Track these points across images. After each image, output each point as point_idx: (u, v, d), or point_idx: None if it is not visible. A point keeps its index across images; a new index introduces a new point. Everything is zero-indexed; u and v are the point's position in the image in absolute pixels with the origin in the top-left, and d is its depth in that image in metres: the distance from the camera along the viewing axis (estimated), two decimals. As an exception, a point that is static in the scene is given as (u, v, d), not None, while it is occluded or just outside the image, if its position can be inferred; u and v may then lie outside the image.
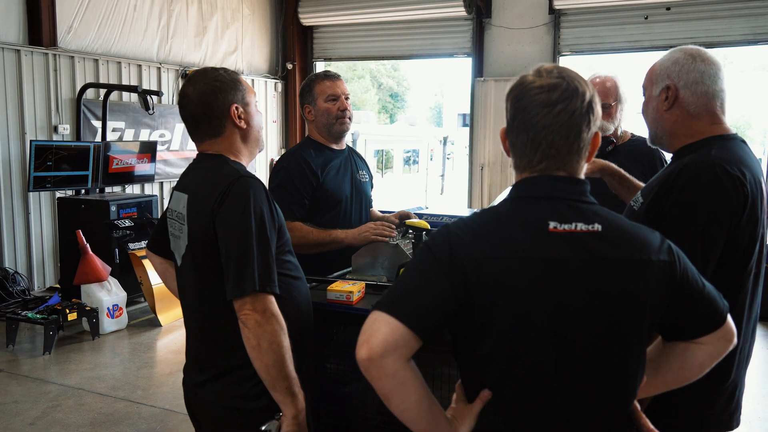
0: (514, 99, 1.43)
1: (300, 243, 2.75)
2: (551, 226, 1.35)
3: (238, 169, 1.93)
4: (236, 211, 1.81)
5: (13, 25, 6.88)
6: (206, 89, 1.96)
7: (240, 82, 2.02)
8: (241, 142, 2.03)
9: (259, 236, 1.81)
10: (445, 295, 1.33)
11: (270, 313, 1.78)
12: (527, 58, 9.09)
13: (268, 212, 1.86)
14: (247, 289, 1.76)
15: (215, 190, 1.85)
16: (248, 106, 2.03)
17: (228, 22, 9.69)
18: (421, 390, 1.34)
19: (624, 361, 1.37)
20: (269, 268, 1.82)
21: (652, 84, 1.95)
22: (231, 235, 1.81)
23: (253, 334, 1.77)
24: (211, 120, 1.98)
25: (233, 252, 1.80)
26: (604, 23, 8.83)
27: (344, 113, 2.92)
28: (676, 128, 1.92)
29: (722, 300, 1.46)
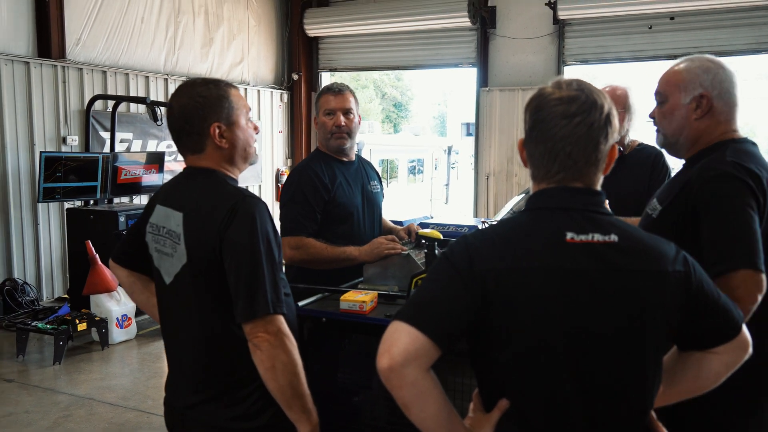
0: (534, 110, 1.45)
1: (314, 260, 2.78)
2: (568, 237, 1.37)
3: (238, 188, 1.89)
4: (245, 232, 1.78)
5: (22, 38, 6.95)
6: (188, 104, 1.89)
7: (226, 98, 1.92)
8: (224, 160, 1.94)
9: (268, 257, 1.79)
10: (465, 305, 1.35)
11: (282, 334, 1.75)
12: (532, 68, 9.13)
13: (272, 232, 1.84)
14: (260, 312, 1.73)
15: (220, 210, 1.80)
16: (234, 125, 1.92)
17: (234, 34, 9.76)
18: (440, 399, 1.35)
19: (642, 371, 1.39)
20: (278, 289, 1.79)
21: (679, 91, 1.94)
22: (240, 257, 1.77)
23: (267, 356, 1.73)
24: (191, 135, 1.91)
25: (243, 274, 1.76)
26: (609, 33, 8.87)
27: (339, 129, 2.92)
28: (702, 136, 1.94)
29: (737, 310, 1.48)
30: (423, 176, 18.00)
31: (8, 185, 6.75)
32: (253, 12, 10.13)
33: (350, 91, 2.98)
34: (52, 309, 6.37)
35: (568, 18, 8.92)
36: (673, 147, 2.03)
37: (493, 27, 9.46)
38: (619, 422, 1.39)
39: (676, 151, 2.04)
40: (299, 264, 2.84)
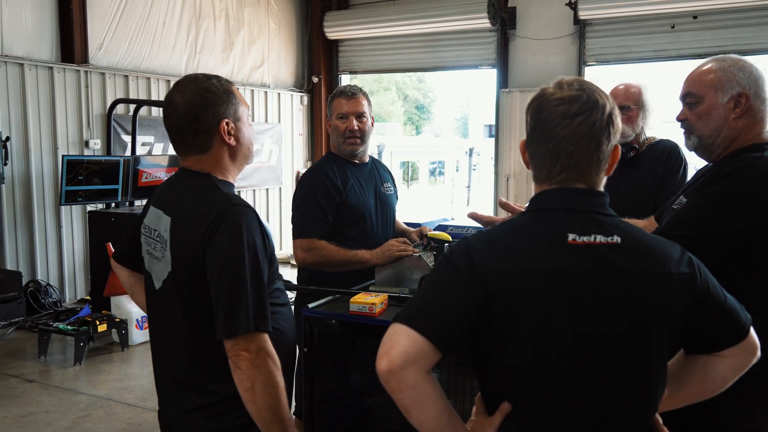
0: (535, 111, 1.44)
1: (326, 262, 2.77)
2: (570, 238, 1.35)
3: (229, 194, 1.80)
4: (229, 243, 1.69)
5: (46, 44, 7.06)
6: (195, 99, 1.79)
7: (233, 93, 1.86)
8: (229, 158, 1.87)
9: (253, 271, 1.69)
10: (465, 308, 1.33)
11: (264, 353, 1.67)
12: (552, 69, 9.06)
13: (261, 243, 1.74)
14: (240, 328, 1.64)
15: (205, 218, 1.71)
16: (240, 121, 1.87)
17: (254, 37, 9.82)
18: (440, 402, 1.34)
19: (646, 374, 1.37)
20: (263, 305, 1.70)
21: (715, 91, 1.91)
22: (223, 269, 1.68)
23: (247, 376, 1.65)
24: (197, 134, 1.81)
25: (225, 288, 1.67)
26: (630, 33, 8.77)
27: (353, 133, 2.90)
28: (739, 136, 1.92)
29: (744, 312, 1.45)
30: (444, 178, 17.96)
31: (32, 188, 6.87)
32: (274, 15, 10.19)
33: (363, 94, 2.97)
34: (74, 310, 6.46)
35: (589, 18, 8.83)
36: (708, 149, 1.98)
37: (513, 28, 9.41)
38: (623, 426, 1.37)
39: (710, 152, 1.99)
40: (311, 266, 2.84)
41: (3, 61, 6.56)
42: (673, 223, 1.86)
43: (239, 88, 7.92)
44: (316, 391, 2.46)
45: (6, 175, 6.48)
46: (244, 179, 9.57)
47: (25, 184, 6.83)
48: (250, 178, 9.67)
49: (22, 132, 6.77)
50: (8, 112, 6.62)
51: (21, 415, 4.36)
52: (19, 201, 6.80)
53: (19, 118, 6.73)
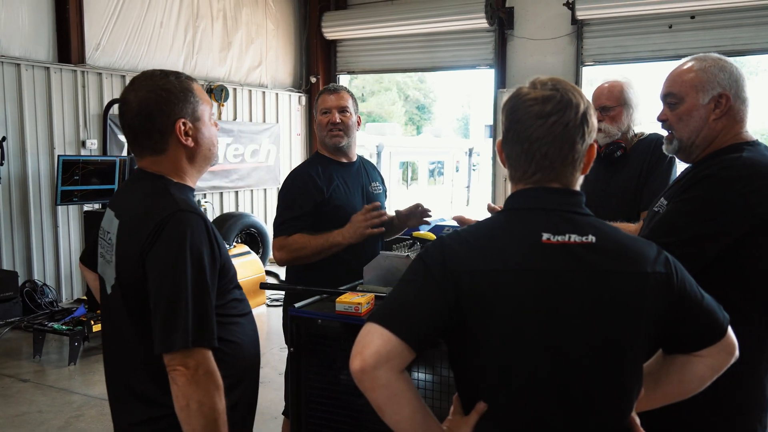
0: (509, 111, 1.44)
1: (300, 255, 2.78)
2: (545, 238, 1.35)
3: (179, 199, 1.68)
4: (169, 252, 1.59)
5: (42, 44, 7.07)
6: (149, 98, 1.70)
7: (192, 91, 1.75)
8: (186, 161, 1.77)
9: (196, 282, 1.59)
10: (438, 307, 1.33)
11: (204, 371, 1.57)
12: (550, 69, 9.04)
13: (208, 253, 1.64)
14: (177, 344, 1.55)
15: (148, 224, 1.62)
16: (199, 121, 1.77)
17: (252, 37, 9.83)
18: (414, 401, 1.34)
19: (620, 374, 1.37)
20: (206, 319, 1.60)
21: (696, 92, 1.89)
22: (161, 280, 1.58)
23: (182, 393, 1.56)
24: (151, 134, 1.72)
25: (162, 300, 1.57)
26: (628, 33, 8.76)
27: (336, 126, 2.91)
28: (718, 136, 1.91)
29: (722, 312, 1.45)
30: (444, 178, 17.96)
31: (29, 188, 6.88)
32: (272, 16, 10.19)
33: (347, 92, 2.98)
34: (69, 310, 6.46)
35: (586, 18, 8.83)
36: (687, 150, 1.97)
37: (510, 28, 9.40)
38: (598, 423, 1.37)
39: (689, 154, 1.98)
40: (289, 263, 2.86)
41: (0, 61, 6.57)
42: (657, 231, 1.84)
43: (237, 89, 7.95)
44: (303, 391, 2.46)
45: (2, 175, 6.50)
46: (242, 179, 9.58)
47: (21, 184, 6.84)
48: (248, 178, 9.68)
49: (18, 132, 6.78)
50: (5, 112, 6.62)
51: (14, 414, 4.36)
52: (15, 201, 6.81)
53: (15, 118, 6.74)
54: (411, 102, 35.91)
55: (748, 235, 1.77)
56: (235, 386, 1.77)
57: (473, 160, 20.18)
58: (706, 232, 1.79)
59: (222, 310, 1.73)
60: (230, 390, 1.73)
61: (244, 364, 1.82)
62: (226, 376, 1.71)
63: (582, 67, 9.06)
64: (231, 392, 1.73)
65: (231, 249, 6.94)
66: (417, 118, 35.95)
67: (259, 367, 1.94)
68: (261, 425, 4.23)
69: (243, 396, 1.82)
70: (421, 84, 35.81)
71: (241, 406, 1.81)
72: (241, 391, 1.81)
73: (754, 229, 1.77)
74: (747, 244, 1.78)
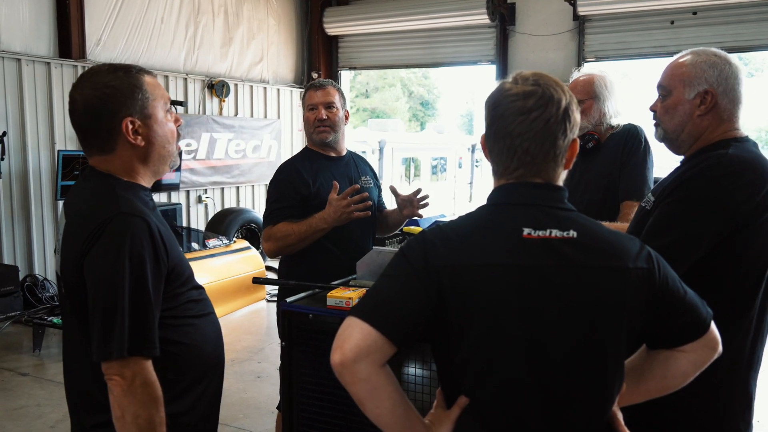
0: (492, 106, 1.43)
1: (286, 244, 2.80)
2: (525, 233, 1.35)
3: (122, 201, 1.60)
4: (107, 257, 1.52)
5: (43, 39, 7.09)
6: (93, 96, 1.62)
7: (140, 87, 1.65)
8: (138, 160, 1.69)
9: (135, 288, 1.53)
10: (419, 302, 1.33)
11: (140, 382, 1.52)
12: (552, 65, 9.03)
13: (151, 257, 1.57)
14: (113, 353, 1.49)
15: (88, 226, 1.56)
16: (150, 119, 1.67)
17: (254, 33, 9.83)
18: (395, 395, 1.35)
19: (601, 370, 1.37)
20: (145, 327, 1.54)
21: (683, 86, 1.88)
22: (98, 287, 1.52)
23: (118, 404, 1.51)
24: (98, 133, 1.64)
25: (99, 308, 1.52)
26: (630, 29, 8.74)
27: (322, 122, 2.92)
28: (704, 133, 1.89)
29: (705, 307, 1.45)
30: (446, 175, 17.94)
31: (29, 183, 6.90)
32: (273, 11, 10.19)
33: (333, 86, 2.99)
34: (70, 305, 6.48)
35: (588, 14, 8.81)
36: (673, 143, 1.97)
37: (512, 24, 9.39)
38: (578, 418, 1.37)
39: (676, 147, 1.97)
40: (278, 253, 2.88)
41: (0, 57, 6.58)
42: (647, 235, 1.83)
43: (238, 84, 7.91)
44: (295, 385, 2.46)
45: (3, 170, 6.51)
46: (244, 175, 9.59)
47: (22, 179, 6.86)
48: (249, 174, 9.69)
49: (19, 127, 6.80)
50: (5, 108, 6.64)
51: (13, 407, 4.38)
52: (16, 196, 6.83)
53: (16, 114, 6.75)
54: (415, 98, 35.87)
55: (733, 231, 1.77)
56: (191, 388, 1.74)
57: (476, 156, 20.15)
58: (695, 232, 1.78)
59: (176, 312, 1.69)
60: (186, 392, 1.72)
61: (202, 366, 1.77)
62: (180, 379, 1.70)
63: (584, 63, 9.03)
64: (187, 394, 1.72)
65: (231, 244, 6.95)
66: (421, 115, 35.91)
67: (222, 369, 1.90)
68: (258, 419, 4.25)
69: (201, 398, 1.78)
70: (425, 80, 35.76)
71: (199, 408, 1.77)
72: (199, 393, 1.77)
73: (740, 226, 1.77)
74: (732, 239, 1.78)
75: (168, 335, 1.67)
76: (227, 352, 5.54)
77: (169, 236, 1.68)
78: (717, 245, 1.78)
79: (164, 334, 1.65)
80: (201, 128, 8.73)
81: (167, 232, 1.68)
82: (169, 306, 1.67)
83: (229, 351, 5.63)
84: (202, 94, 8.89)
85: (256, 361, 5.44)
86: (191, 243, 6.66)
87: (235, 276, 6.62)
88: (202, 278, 6.20)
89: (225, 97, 9.13)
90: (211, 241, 6.72)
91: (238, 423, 4.21)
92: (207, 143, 8.88)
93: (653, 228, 1.84)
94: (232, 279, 6.59)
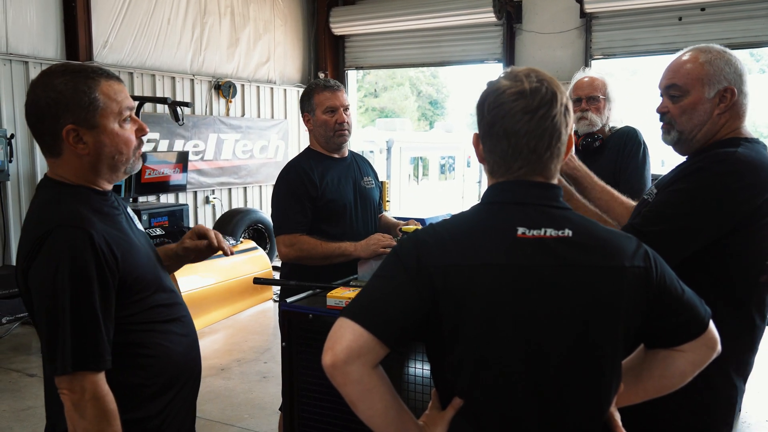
0: (491, 106, 1.39)
1: (308, 256, 2.78)
2: (520, 232, 1.33)
3: (65, 212, 1.55)
4: (48, 270, 1.49)
5: (51, 42, 7.12)
6: (41, 98, 1.57)
7: (88, 94, 1.58)
8: (87, 168, 1.63)
9: (78, 302, 1.48)
10: (412, 303, 1.32)
11: (90, 396, 1.49)
12: (559, 63, 8.99)
13: (95, 269, 1.51)
14: (59, 368, 1.47)
15: (29, 240, 1.53)
16: (97, 128, 1.59)
17: (260, 33, 9.84)
18: (387, 396, 1.34)
19: (597, 370, 1.35)
20: (91, 341, 1.50)
21: (702, 85, 1.84)
22: (40, 301, 1.50)
23: (69, 417, 1.50)
24: (43, 137, 1.60)
25: (43, 322, 1.50)
26: (637, 25, 8.67)
27: (342, 126, 2.90)
28: (720, 130, 1.88)
29: (704, 306, 1.43)
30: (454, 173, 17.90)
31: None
32: (279, 12, 10.20)
33: (343, 87, 2.98)
34: (78, 306, 6.51)
35: (595, 11, 8.75)
36: (687, 143, 1.93)
37: (518, 22, 9.35)
38: (575, 419, 1.36)
39: (688, 147, 1.94)
40: (294, 261, 2.85)
41: (8, 60, 6.63)
42: (645, 220, 1.83)
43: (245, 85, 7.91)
44: (296, 385, 2.46)
45: (11, 172, 6.55)
46: (251, 175, 9.61)
47: (30, 182, 6.89)
48: (256, 174, 9.71)
49: (27, 130, 6.78)
50: (13, 110, 6.68)
51: (20, 408, 4.41)
52: (24, 198, 6.86)
53: (23, 116, 6.76)
54: (424, 97, 35.83)
55: (730, 232, 1.75)
56: (161, 393, 1.72)
57: (485, 155, 20.04)
58: (693, 225, 1.76)
59: (141, 318, 1.66)
60: (155, 397, 1.70)
61: (172, 370, 1.75)
62: (148, 384, 1.69)
63: (591, 60, 8.98)
64: (156, 399, 1.71)
65: (237, 245, 6.96)
66: (430, 114, 35.86)
67: (197, 372, 1.87)
68: (262, 419, 4.25)
69: (173, 402, 1.76)
70: (434, 79, 35.72)
71: (170, 413, 1.75)
72: (170, 398, 1.74)
73: (737, 225, 1.75)
74: (728, 240, 1.76)
75: (134, 339, 1.66)
76: (233, 352, 5.58)
77: (123, 242, 1.62)
78: (712, 244, 1.76)
79: (130, 339, 1.64)
80: (208, 129, 8.75)
81: (120, 239, 1.62)
82: (131, 312, 1.64)
83: (235, 351, 5.64)
84: (209, 95, 8.91)
85: (262, 361, 5.44)
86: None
87: (242, 276, 6.63)
88: (209, 279, 6.24)
89: (232, 98, 9.14)
90: (217, 242, 6.73)
91: (243, 423, 4.22)
92: (214, 144, 8.90)
93: (652, 213, 1.83)
94: (239, 279, 6.60)
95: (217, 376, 5.04)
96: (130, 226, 1.75)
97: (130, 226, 1.76)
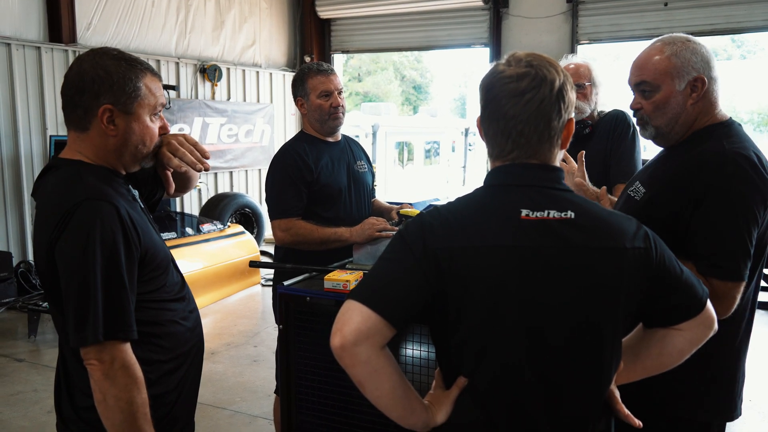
0: (486, 88, 1.42)
1: (304, 241, 2.79)
2: (523, 214, 1.35)
3: (89, 187, 1.59)
4: (77, 244, 1.52)
5: (33, 23, 7.01)
6: (87, 72, 1.61)
7: (133, 82, 1.64)
8: (110, 148, 1.66)
9: (108, 272, 1.53)
10: (418, 285, 1.34)
11: (120, 365, 1.53)
12: (545, 48, 9.00)
13: (122, 241, 1.56)
14: (89, 338, 1.50)
15: (55, 214, 1.55)
16: (131, 115, 1.65)
17: (246, 16, 9.75)
18: (394, 377, 1.35)
19: (598, 350, 1.38)
20: (122, 310, 1.55)
21: (671, 79, 1.83)
22: (70, 273, 1.52)
23: (99, 387, 1.52)
24: (76, 108, 1.63)
25: (72, 293, 1.52)
26: (623, 11, 8.72)
27: (337, 110, 2.90)
28: (697, 119, 1.87)
29: (701, 286, 1.46)
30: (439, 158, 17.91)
31: (21, 169, 6.86)
32: (265, -6, 10.11)
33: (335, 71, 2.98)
34: (64, 291, 6.47)
35: (581, -4, 8.78)
36: (666, 137, 1.92)
37: (505, 6, 9.35)
38: (576, 400, 1.39)
39: (668, 140, 1.93)
40: (290, 245, 2.85)
41: (-10, 41, 6.53)
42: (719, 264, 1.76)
43: (230, 68, 7.87)
44: (293, 368, 2.48)
45: (-6, 155, 6.48)
46: (236, 159, 9.56)
47: (14, 165, 6.82)
48: (242, 158, 9.66)
49: (10, 112, 6.75)
50: (-4, 92, 6.60)
51: (9, 393, 4.39)
52: (8, 181, 6.80)
53: (6, 99, 6.70)
54: (407, 82, 35.73)
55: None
56: (176, 369, 1.77)
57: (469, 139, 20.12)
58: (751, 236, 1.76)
59: (155, 296, 1.70)
60: (171, 372, 1.75)
61: (184, 346, 1.80)
62: (164, 360, 1.73)
63: (577, 46, 9.01)
64: (172, 374, 1.75)
65: (225, 229, 6.94)
66: (413, 98, 35.79)
67: (201, 350, 1.92)
68: (254, 402, 4.27)
69: (185, 376, 1.81)
70: (418, 64, 35.61)
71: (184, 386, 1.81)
72: (183, 372, 1.80)
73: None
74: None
75: (151, 317, 1.69)
76: (223, 336, 5.58)
77: (141, 221, 1.67)
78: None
79: (148, 316, 1.68)
80: (193, 113, 8.69)
81: (139, 217, 1.67)
82: (147, 289, 1.67)
83: (224, 335, 5.65)
84: (194, 78, 8.83)
85: (252, 345, 5.46)
86: (185, 228, 6.64)
87: (229, 261, 6.61)
88: (197, 263, 6.21)
89: (217, 81, 9.07)
90: (205, 226, 6.70)
91: (235, 406, 4.23)
92: (199, 128, 8.84)
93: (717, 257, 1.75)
94: (227, 264, 6.58)
95: (207, 360, 5.02)
96: (141, 209, 1.79)
97: (141, 208, 1.80)
